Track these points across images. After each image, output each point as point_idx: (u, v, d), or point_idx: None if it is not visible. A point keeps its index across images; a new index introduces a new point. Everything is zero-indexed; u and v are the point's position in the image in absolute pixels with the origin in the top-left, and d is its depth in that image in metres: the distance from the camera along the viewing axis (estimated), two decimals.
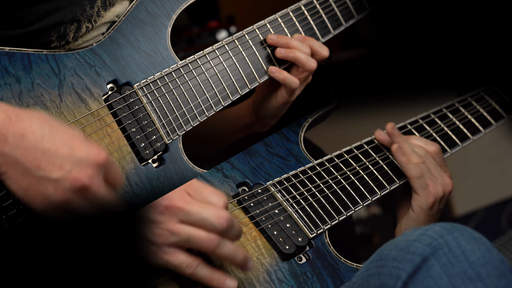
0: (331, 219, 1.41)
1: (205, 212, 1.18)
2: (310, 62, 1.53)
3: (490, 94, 1.68)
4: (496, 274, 1.11)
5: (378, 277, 1.17)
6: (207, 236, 1.18)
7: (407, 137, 1.53)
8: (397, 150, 1.49)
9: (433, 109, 1.63)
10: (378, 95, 2.18)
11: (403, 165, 1.48)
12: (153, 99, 1.42)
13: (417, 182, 1.47)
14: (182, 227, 1.18)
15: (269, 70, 1.53)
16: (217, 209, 1.20)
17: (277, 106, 1.60)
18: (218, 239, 1.19)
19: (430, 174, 1.48)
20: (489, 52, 1.68)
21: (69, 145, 1.12)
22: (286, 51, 1.53)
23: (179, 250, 1.19)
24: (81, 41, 1.44)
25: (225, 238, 1.20)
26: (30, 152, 1.10)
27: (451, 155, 1.58)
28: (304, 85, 1.59)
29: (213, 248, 1.19)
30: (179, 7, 1.49)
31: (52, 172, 1.10)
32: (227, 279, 1.21)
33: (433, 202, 1.46)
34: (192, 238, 1.18)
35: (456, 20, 1.67)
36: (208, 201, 1.21)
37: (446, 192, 1.49)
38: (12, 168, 1.10)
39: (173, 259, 1.18)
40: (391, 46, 1.83)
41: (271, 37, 1.54)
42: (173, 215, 1.18)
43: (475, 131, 1.62)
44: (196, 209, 1.18)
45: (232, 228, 1.20)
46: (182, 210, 1.18)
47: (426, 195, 1.46)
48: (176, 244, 1.18)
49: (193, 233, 1.18)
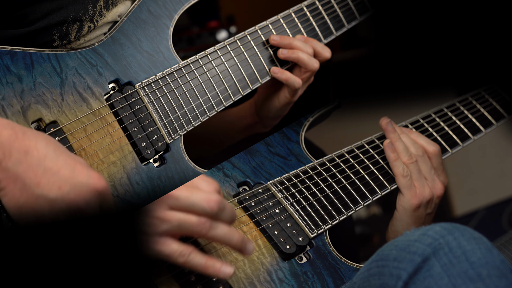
0: (331, 218, 1.41)
1: (194, 196, 1.16)
2: (312, 62, 1.54)
3: (490, 93, 1.68)
4: (496, 274, 1.11)
5: (378, 277, 1.18)
6: (198, 220, 1.16)
7: (409, 131, 1.53)
8: (387, 145, 1.49)
9: (433, 108, 1.64)
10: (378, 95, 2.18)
11: (390, 161, 1.48)
12: (155, 98, 1.42)
13: (402, 180, 1.46)
14: (172, 213, 1.16)
15: (272, 71, 1.53)
16: (207, 193, 1.18)
17: (279, 107, 1.60)
18: (209, 222, 1.17)
19: (419, 175, 1.47)
20: (489, 52, 1.68)
21: (71, 168, 1.12)
22: (289, 51, 1.53)
23: (170, 239, 1.16)
24: (83, 41, 1.44)
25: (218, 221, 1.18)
26: (32, 169, 1.10)
27: (451, 155, 1.58)
28: (306, 85, 1.59)
29: (205, 231, 1.16)
30: (181, 7, 1.49)
31: (50, 191, 1.09)
32: (222, 265, 1.18)
33: (417, 204, 1.46)
34: (183, 223, 1.16)
35: (456, 20, 1.67)
36: (198, 187, 1.19)
37: (435, 196, 1.48)
38: (12, 184, 1.10)
39: (165, 248, 1.16)
40: (391, 46, 1.83)
41: (274, 38, 1.54)
42: (162, 202, 1.16)
43: (476, 131, 1.62)
44: (185, 193, 1.17)
45: (223, 211, 1.18)
46: (171, 196, 1.16)
47: (410, 196, 1.46)
48: (168, 232, 1.16)
49: (183, 218, 1.16)
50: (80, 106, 1.36)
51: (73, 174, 1.11)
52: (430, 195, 1.47)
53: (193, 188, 1.19)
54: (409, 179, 1.46)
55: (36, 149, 1.11)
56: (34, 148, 1.11)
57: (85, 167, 1.14)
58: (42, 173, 1.10)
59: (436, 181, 1.48)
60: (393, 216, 1.49)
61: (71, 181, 1.11)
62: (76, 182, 1.11)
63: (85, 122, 1.36)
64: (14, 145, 1.10)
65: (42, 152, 1.11)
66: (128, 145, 1.38)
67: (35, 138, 1.12)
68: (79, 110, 1.36)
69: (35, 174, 1.09)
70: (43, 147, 1.12)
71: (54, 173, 1.10)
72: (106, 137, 1.37)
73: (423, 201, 1.46)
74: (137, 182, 1.36)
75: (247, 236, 1.35)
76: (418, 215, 1.46)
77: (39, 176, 1.10)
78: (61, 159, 1.12)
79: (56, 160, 1.11)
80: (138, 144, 1.38)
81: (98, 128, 1.36)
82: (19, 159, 1.09)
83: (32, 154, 1.10)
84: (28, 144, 1.10)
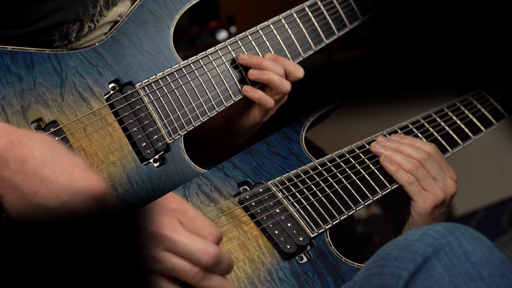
0: (332, 218, 1.41)
1: (192, 245, 1.12)
2: (284, 84, 1.50)
3: (491, 93, 1.68)
4: (497, 274, 1.11)
5: (379, 276, 1.17)
6: (191, 268, 1.12)
7: (403, 137, 1.52)
8: (383, 161, 1.49)
9: (434, 108, 1.64)
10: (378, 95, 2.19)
11: (392, 174, 1.48)
12: (155, 98, 1.42)
13: (410, 188, 1.46)
14: (167, 256, 1.12)
15: (243, 90, 1.50)
16: (206, 244, 1.13)
17: (248, 126, 1.58)
18: (202, 273, 1.13)
19: (427, 178, 1.46)
20: (489, 51, 1.68)
21: (69, 174, 1.10)
22: (259, 73, 1.49)
23: (163, 279, 1.13)
24: (83, 41, 1.44)
25: (212, 273, 1.14)
26: (30, 178, 1.09)
27: (452, 154, 1.58)
28: (279, 106, 1.56)
29: (196, 281, 1.13)
30: (182, 7, 1.49)
31: (49, 201, 1.09)
32: None
33: (432, 207, 1.45)
34: (176, 268, 1.12)
35: (456, 20, 1.67)
36: (200, 233, 1.14)
37: (448, 195, 1.47)
38: (11, 193, 1.09)
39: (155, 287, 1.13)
40: (391, 46, 1.83)
41: (243, 57, 1.50)
42: (159, 242, 1.12)
43: (476, 131, 1.62)
44: (183, 240, 1.12)
45: (219, 264, 1.14)
46: (169, 239, 1.12)
47: (423, 201, 1.45)
48: (160, 272, 1.13)
49: (177, 264, 1.12)
50: (80, 106, 1.36)
51: (71, 181, 1.10)
52: (443, 196, 1.46)
53: (194, 233, 1.15)
54: (417, 185, 1.45)
55: (32, 157, 1.09)
56: (30, 156, 1.09)
57: (84, 170, 1.12)
58: (39, 182, 1.09)
59: (447, 180, 1.48)
60: (409, 223, 1.48)
61: (69, 189, 1.09)
62: (74, 189, 1.10)
63: (85, 122, 1.35)
64: (10, 154, 1.09)
65: (39, 160, 1.10)
66: (128, 145, 1.38)
67: (32, 144, 1.11)
68: (79, 110, 1.36)
69: (32, 183, 1.09)
70: (40, 153, 1.10)
71: (51, 182, 1.09)
72: (106, 137, 1.36)
73: (437, 203, 1.45)
74: (137, 182, 1.36)
75: (248, 236, 1.35)
76: (433, 217, 1.46)
77: (36, 185, 1.08)
78: (59, 165, 1.11)
79: (54, 166, 1.10)
80: (138, 144, 1.38)
81: (98, 128, 1.36)
82: (16, 169, 1.08)
83: (28, 163, 1.09)
84: (24, 152, 1.09)
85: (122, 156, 1.37)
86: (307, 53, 1.58)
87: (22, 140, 1.10)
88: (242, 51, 1.51)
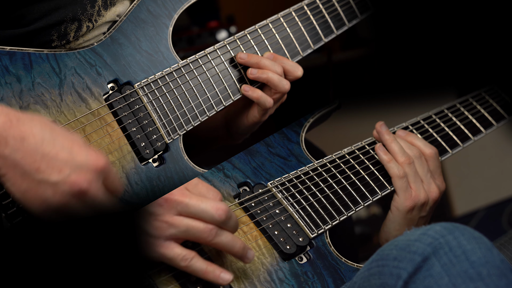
0: (332, 219, 1.41)
1: (204, 204, 1.20)
2: (283, 83, 1.50)
3: (491, 94, 1.68)
4: (496, 273, 1.11)
5: (379, 276, 1.18)
6: (205, 226, 1.20)
7: (407, 133, 1.53)
8: (379, 148, 1.49)
9: (434, 109, 1.63)
10: (378, 95, 2.19)
11: (384, 163, 1.48)
12: (154, 98, 1.42)
13: (398, 182, 1.46)
14: (180, 219, 1.20)
15: (242, 89, 1.50)
16: (215, 201, 1.22)
17: (247, 125, 1.58)
18: (216, 229, 1.21)
19: (415, 176, 1.46)
20: (489, 52, 1.68)
21: (69, 150, 1.12)
22: (258, 71, 1.49)
23: (174, 243, 1.20)
24: (82, 41, 1.44)
25: (223, 229, 1.23)
26: (30, 155, 1.10)
27: (452, 155, 1.58)
28: (278, 105, 1.56)
29: (211, 238, 1.21)
30: (180, 6, 1.49)
31: (51, 175, 1.10)
32: (222, 271, 1.22)
33: (411, 206, 1.45)
34: (190, 229, 1.20)
35: (456, 20, 1.67)
36: (205, 196, 1.24)
37: (430, 199, 1.46)
38: (12, 171, 1.10)
39: (168, 252, 1.19)
40: (391, 46, 1.83)
41: (241, 56, 1.50)
42: (172, 207, 1.20)
43: (476, 132, 1.62)
44: (194, 201, 1.20)
45: (230, 219, 1.23)
46: (181, 203, 1.20)
47: (405, 197, 1.45)
48: (173, 237, 1.20)
49: (191, 224, 1.20)
50: (79, 106, 1.36)
51: (72, 155, 1.12)
52: (425, 198, 1.46)
53: (202, 196, 1.23)
54: (406, 181, 1.45)
55: (32, 135, 1.11)
56: (30, 133, 1.11)
57: (83, 147, 1.14)
58: (40, 158, 1.10)
59: (432, 184, 1.47)
60: (387, 217, 1.48)
61: (71, 163, 1.11)
62: (75, 163, 1.11)
63: (84, 122, 1.35)
64: (9, 132, 1.09)
65: (38, 137, 1.11)
66: (127, 145, 1.38)
67: (30, 123, 1.12)
68: (78, 110, 1.36)
69: (33, 160, 1.10)
70: (39, 131, 1.11)
71: (52, 157, 1.10)
72: (105, 137, 1.36)
73: (418, 204, 1.45)
74: (136, 182, 1.36)
75: (248, 237, 1.35)
76: (411, 217, 1.46)
77: (37, 161, 1.10)
78: (58, 142, 1.12)
79: (53, 143, 1.11)
80: (137, 144, 1.38)
81: (97, 128, 1.36)
82: (15, 147, 1.09)
83: (28, 140, 1.10)
84: (23, 130, 1.10)
85: (121, 156, 1.37)
86: (306, 51, 1.58)
87: (20, 119, 1.12)
88: (241, 50, 1.51)
